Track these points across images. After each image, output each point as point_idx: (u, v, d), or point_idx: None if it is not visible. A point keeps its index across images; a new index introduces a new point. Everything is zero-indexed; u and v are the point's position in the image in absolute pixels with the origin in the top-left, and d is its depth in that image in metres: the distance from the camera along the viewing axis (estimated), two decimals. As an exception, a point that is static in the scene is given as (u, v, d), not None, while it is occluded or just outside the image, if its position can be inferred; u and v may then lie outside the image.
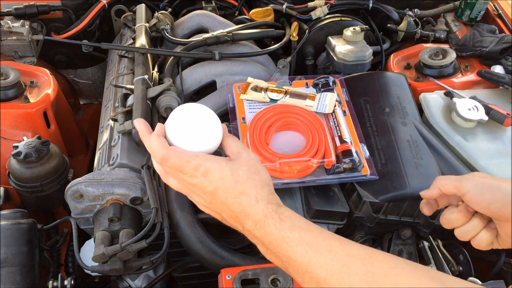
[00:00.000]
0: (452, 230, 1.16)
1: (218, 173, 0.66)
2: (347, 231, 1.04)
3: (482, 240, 0.72)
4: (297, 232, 0.61)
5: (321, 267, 0.58)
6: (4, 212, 0.94)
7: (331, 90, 1.09)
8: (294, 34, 1.39)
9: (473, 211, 0.72)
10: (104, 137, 1.10)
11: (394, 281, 0.54)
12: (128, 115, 1.04)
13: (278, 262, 0.64)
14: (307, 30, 1.41)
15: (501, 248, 0.73)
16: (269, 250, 0.64)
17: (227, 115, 1.08)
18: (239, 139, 0.99)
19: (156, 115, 1.08)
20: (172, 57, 1.23)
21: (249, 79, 1.12)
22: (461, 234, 0.74)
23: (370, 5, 1.52)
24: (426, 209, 0.80)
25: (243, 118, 1.04)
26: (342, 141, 0.98)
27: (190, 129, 0.70)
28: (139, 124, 0.73)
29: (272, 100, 1.07)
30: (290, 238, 0.61)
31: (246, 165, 0.68)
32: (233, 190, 0.66)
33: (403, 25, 1.47)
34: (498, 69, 1.30)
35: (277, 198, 0.67)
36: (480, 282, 0.95)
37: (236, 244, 1.03)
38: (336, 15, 1.46)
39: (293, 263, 0.61)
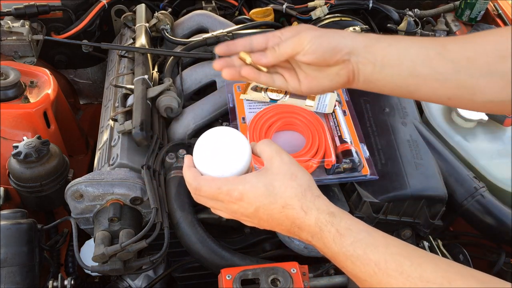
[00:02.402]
0: (451, 231, 1.16)
1: (253, 193, 0.63)
2: (347, 231, 1.04)
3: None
4: (361, 250, 0.57)
5: None
6: (4, 212, 0.94)
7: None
8: (294, 34, 1.38)
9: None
10: (104, 137, 1.10)
11: None
12: (128, 115, 1.04)
13: (344, 271, 0.61)
14: (307, 30, 1.41)
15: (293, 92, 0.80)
16: (333, 260, 0.61)
17: (227, 115, 1.08)
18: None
19: (156, 115, 1.08)
20: (172, 57, 1.23)
21: (249, 79, 1.12)
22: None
23: (370, 5, 1.52)
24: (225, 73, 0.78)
25: (243, 118, 1.04)
26: (342, 141, 0.98)
27: (214, 155, 0.68)
28: (186, 160, 0.71)
29: (272, 100, 1.07)
30: (354, 256, 0.57)
31: (280, 172, 0.64)
32: (275, 205, 0.62)
33: (403, 25, 1.47)
34: (498, 69, 1.29)
35: (324, 201, 0.63)
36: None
37: (236, 244, 1.03)
38: (336, 15, 1.46)
39: (362, 282, 0.58)
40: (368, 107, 1.13)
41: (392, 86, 0.72)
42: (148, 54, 1.23)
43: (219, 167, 0.68)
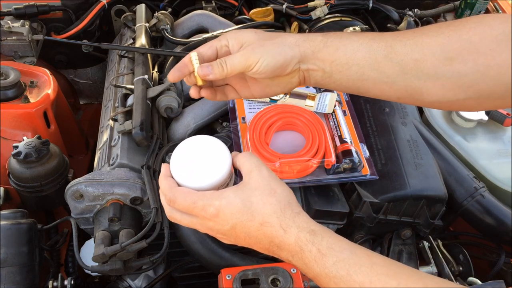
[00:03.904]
0: (451, 231, 1.16)
1: (229, 209, 0.60)
2: (347, 231, 1.04)
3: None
4: (344, 271, 0.55)
5: None
6: (4, 212, 0.94)
7: (331, 90, 1.09)
8: (294, 34, 1.38)
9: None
10: (104, 137, 1.10)
11: None
12: (128, 115, 1.04)
13: None
14: (307, 30, 1.41)
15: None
16: (315, 281, 0.59)
17: (227, 115, 1.08)
18: (239, 139, 0.99)
19: (156, 115, 1.08)
20: (172, 57, 1.23)
21: (249, 79, 1.12)
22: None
23: (370, 5, 1.52)
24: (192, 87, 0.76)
25: (243, 118, 1.04)
26: (342, 141, 0.98)
27: (191, 165, 0.66)
28: (163, 168, 0.69)
29: (272, 100, 1.07)
30: (337, 278, 0.55)
31: (258, 188, 0.62)
32: (252, 223, 0.60)
33: (403, 25, 1.47)
34: (498, 69, 1.29)
35: (304, 218, 0.61)
36: (480, 282, 0.96)
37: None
38: (336, 15, 1.46)
39: None
40: (368, 107, 1.13)
41: (342, 88, 0.73)
42: (148, 54, 1.23)
43: (197, 177, 0.65)
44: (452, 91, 0.64)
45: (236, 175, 0.72)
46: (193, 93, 0.76)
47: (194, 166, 0.66)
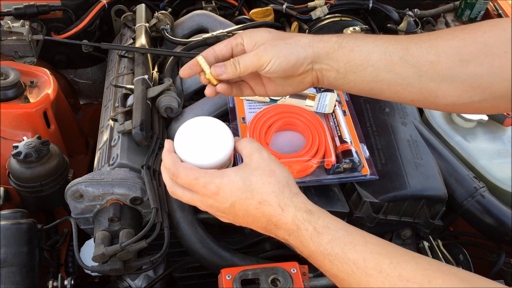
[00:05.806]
0: (451, 231, 1.16)
1: (229, 187, 0.62)
2: (347, 231, 1.04)
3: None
4: (339, 249, 0.56)
5: None
6: (4, 212, 0.94)
7: (331, 90, 1.09)
8: (294, 34, 1.38)
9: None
10: (104, 137, 1.10)
11: None
12: (128, 115, 1.04)
13: (321, 270, 0.60)
14: (307, 30, 1.41)
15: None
16: (310, 259, 0.60)
17: (227, 115, 1.08)
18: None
19: (156, 115, 1.08)
20: (172, 57, 1.23)
21: (249, 79, 1.12)
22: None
23: (370, 5, 1.52)
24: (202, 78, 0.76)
25: (243, 118, 1.04)
26: (342, 141, 0.98)
27: (196, 142, 0.69)
28: (166, 144, 0.71)
29: (272, 100, 1.07)
30: (332, 255, 0.56)
31: (259, 168, 0.64)
32: (251, 201, 0.62)
33: (403, 25, 1.47)
34: (498, 69, 1.29)
35: (302, 198, 0.63)
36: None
37: (236, 244, 1.03)
38: (336, 15, 1.46)
39: (340, 281, 0.57)
40: (368, 107, 1.13)
41: (356, 90, 0.73)
42: (148, 54, 1.23)
43: (200, 155, 0.68)
44: (467, 93, 0.64)
45: (236, 160, 0.73)
46: (209, 92, 0.77)
47: (198, 144, 0.69)
